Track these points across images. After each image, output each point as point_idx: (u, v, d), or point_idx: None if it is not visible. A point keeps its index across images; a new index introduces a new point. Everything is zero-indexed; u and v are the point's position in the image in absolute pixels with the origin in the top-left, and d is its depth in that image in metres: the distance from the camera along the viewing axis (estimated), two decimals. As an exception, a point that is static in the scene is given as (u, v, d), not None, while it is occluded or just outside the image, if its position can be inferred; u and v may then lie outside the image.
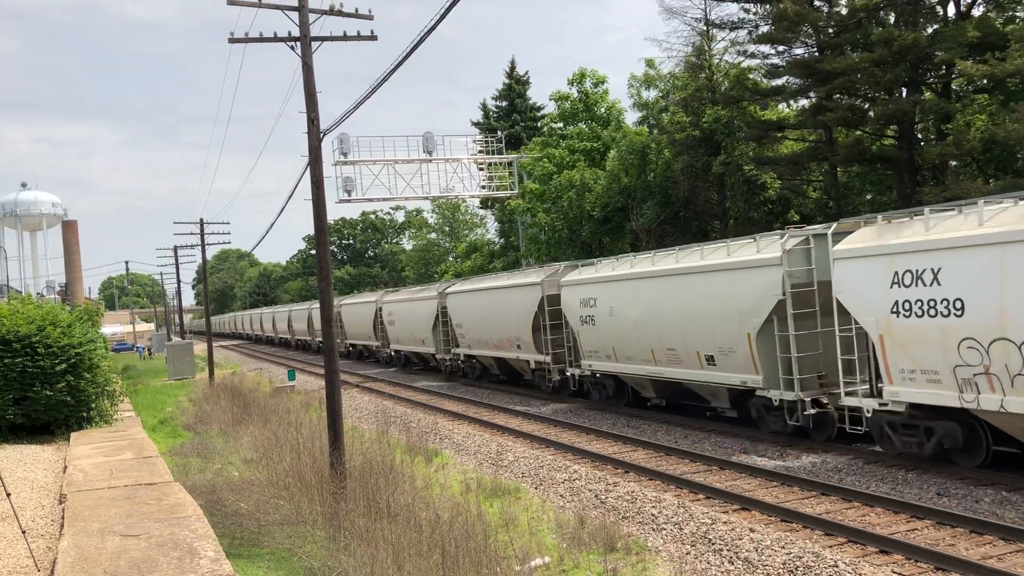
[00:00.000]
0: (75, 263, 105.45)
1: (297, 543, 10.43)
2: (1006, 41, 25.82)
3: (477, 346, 30.44)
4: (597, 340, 21.93)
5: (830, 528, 11.07)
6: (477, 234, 79.37)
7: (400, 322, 39.31)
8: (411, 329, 37.64)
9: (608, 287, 21.38)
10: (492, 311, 28.59)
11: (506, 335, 27.72)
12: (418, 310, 35.98)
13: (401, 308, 38.69)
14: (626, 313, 20.52)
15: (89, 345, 19.38)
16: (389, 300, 41.31)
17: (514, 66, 65.22)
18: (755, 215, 35.89)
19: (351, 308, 49.07)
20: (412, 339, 37.84)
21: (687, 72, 38.24)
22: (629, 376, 21.31)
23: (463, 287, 31.91)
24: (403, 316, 38.67)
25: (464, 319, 31.04)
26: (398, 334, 39.91)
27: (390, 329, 40.90)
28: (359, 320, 47.42)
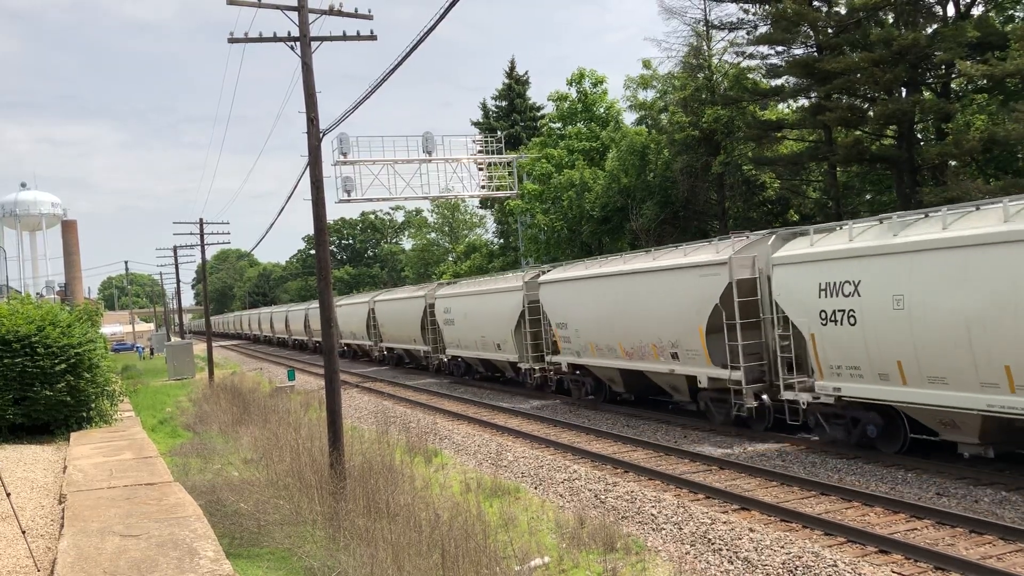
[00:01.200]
0: (75, 263, 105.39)
1: (297, 543, 10.43)
2: (1006, 41, 25.83)
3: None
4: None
5: (830, 528, 11.07)
6: (476, 234, 79.41)
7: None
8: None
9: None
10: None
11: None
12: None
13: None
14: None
15: (89, 345, 19.38)
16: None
17: (514, 66, 65.27)
18: (755, 215, 35.90)
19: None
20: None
21: (686, 72, 38.25)
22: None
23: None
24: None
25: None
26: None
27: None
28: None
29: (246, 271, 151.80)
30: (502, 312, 28.05)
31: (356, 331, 47.51)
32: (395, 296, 40.98)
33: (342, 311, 50.08)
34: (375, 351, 44.44)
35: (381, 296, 43.31)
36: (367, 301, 44.70)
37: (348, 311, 49.27)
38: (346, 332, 50.32)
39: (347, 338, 50.62)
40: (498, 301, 28.44)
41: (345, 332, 50.37)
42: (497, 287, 28.89)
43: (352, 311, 48.46)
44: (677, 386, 19.89)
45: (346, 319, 49.65)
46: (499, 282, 29.57)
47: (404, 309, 38.90)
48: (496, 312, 28.49)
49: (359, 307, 46.30)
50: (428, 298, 35.00)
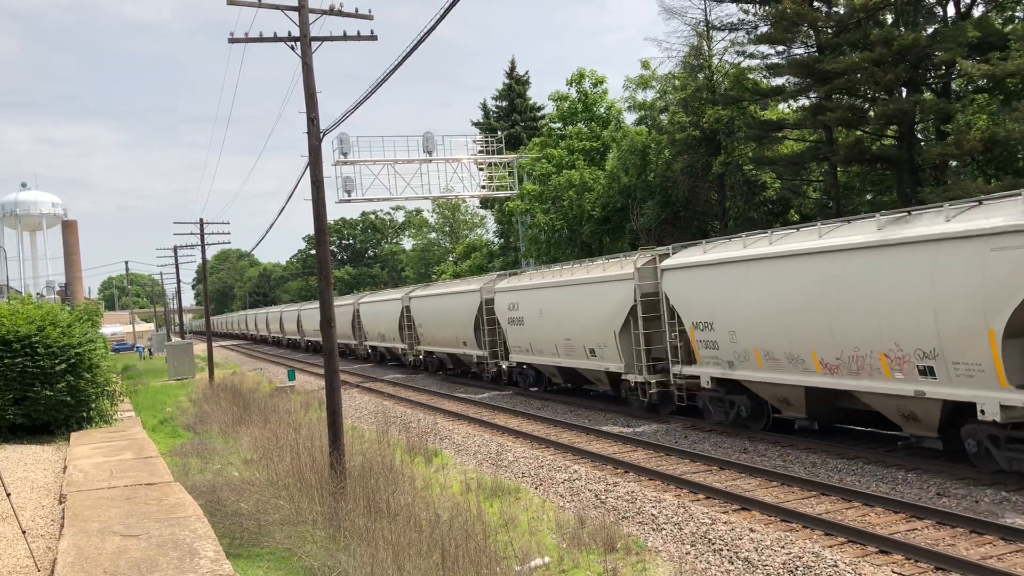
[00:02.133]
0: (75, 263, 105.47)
1: (297, 543, 10.43)
2: (1006, 41, 25.83)
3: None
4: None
5: (830, 528, 11.07)
6: (477, 234, 79.41)
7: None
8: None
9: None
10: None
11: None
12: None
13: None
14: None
15: (89, 345, 19.38)
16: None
17: (514, 66, 65.26)
18: (755, 215, 35.88)
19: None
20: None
21: (686, 72, 38.24)
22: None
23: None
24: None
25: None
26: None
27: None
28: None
29: (246, 271, 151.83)
30: (602, 308, 21.79)
31: (386, 332, 42.00)
32: (438, 291, 37.07)
33: (368, 309, 44.90)
34: (409, 355, 38.85)
35: (365, 298, 41.10)
36: (352, 303, 41.90)
37: (376, 309, 43.53)
38: (372, 333, 45.14)
39: (374, 340, 45.00)
40: (597, 294, 22.10)
41: (372, 333, 45.31)
42: (594, 276, 22.59)
43: (381, 309, 42.75)
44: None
45: (373, 318, 44.13)
46: (595, 269, 23.21)
47: (450, 307, 36.51)
48: (593, 308, 22.27)
49: (345, 309, 42.97)
50: (485, 292, 30.03)
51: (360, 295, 46.07)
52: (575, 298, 23.32)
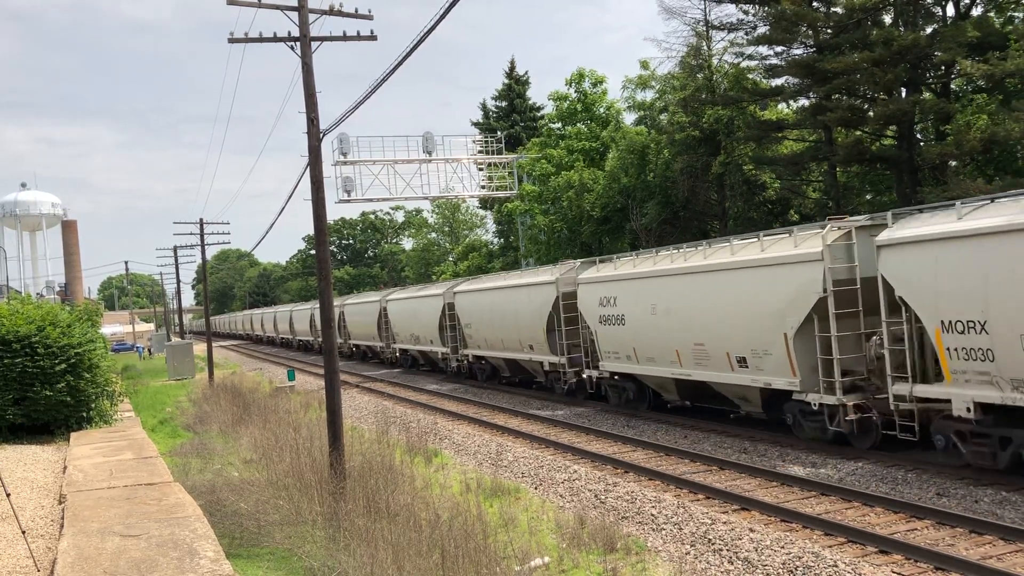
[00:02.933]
0: (75, 263, 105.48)
1: (297, 543, 10.43)
2: (1006, 41, 25.84)
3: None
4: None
5: (830, 528, 11.07)
6: (477, 234, 79.43)
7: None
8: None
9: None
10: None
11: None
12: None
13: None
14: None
15: (89, 345, 19.38)
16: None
17: (514, 66, 65.25)
18: (755, 215, 35.90)
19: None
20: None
21: (685, 72, 38.25)
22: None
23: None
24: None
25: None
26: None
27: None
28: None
29: (246, 271, 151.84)
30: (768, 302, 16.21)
31: (423, 334, 37.12)
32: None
33: (397, 307, 40.27)
34: (452, 361, 33.64)
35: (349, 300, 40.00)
36: (339, 305, 40.82)
37: (411, 307, 38.44)
38: (404, 335, 39.47)
39: (405, 342, 39.51)
40: (759, 282, 16.48)
41: (403, 335, 39.71)
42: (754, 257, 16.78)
43: (418, 307, 37.60)
44: None
45: (406, 318, 39.07)
46: (749, 250, 17.30)
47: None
48: (752, 302, 16.62)
49: (429, 302, 36.04)
50: (562, 284, 24.40)
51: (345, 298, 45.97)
52: (717, 289, 17.58)
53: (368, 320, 44.47)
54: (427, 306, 34.45)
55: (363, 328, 46.19)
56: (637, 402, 21.85)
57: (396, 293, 40.89)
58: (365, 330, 45.84)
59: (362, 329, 46.58)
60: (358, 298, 49.60)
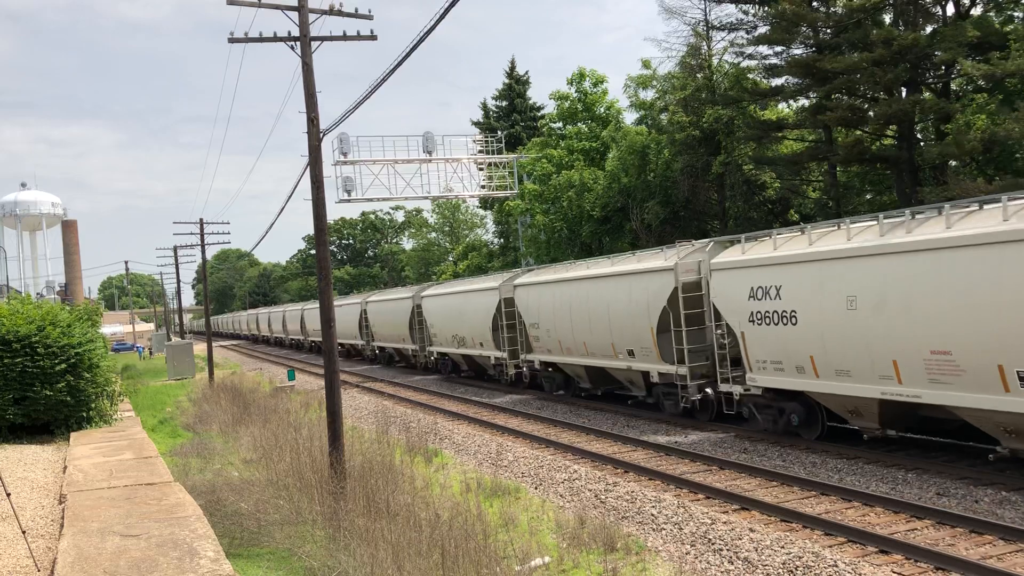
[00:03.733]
0: (75, 263, 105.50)
1: (297, 543, 10.43)
2: (1005, 41, 25.83)
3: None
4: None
5: (830, 528, 11.07)
6: (477, 234, 79.44)
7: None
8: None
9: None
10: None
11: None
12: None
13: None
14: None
15: (89, 345, 19.38)
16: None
17: (514, 66, 65.24)
18: (755, 215, 35.90)
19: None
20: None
21: (685, 72, 38.26)
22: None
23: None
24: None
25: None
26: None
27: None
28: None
29: (246, 271, 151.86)
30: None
31: (470, 335, 32.19)
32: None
33: (435, 304, 35.63)
34: (510, 368, 28.91)
35: (529, 277, 28.07)
36: (496, 287, 29.99)
37: (454, 304, 33.44)
38: (444, 337, 34.96)
39: (446, 345, 34.86)
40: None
41: (442, 336, 35.09)
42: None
43: (465, 304, 32.37)
44: None
45: (448, 317, 34.48)
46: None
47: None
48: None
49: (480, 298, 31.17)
50: (684, 271, 18.95)
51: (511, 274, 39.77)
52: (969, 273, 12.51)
53: (397, 320, 40.04)
54: (477, 303, 29.95)
55: (390, 328, 41.63)
56: (804, 428, 16.55)
57: (433, 288, 36.80)
58: (393, 330, 41.32)
59: (389, 329, 41.99)
60: (384, 294, 45.32)
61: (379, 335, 44.37)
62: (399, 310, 39.75)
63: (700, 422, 19.19)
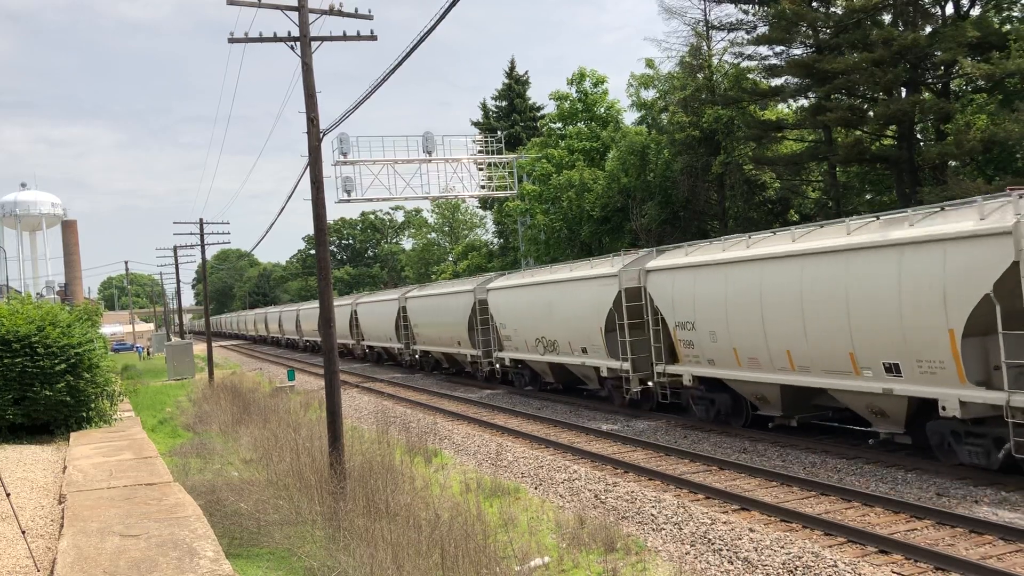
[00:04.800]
0: (75, 263, 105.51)
1: (296, 543, 10.43)
2: (1005, 41, 25.83)
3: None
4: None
5: (830, 528, 11.07)
6: (476, 234, 79.45)
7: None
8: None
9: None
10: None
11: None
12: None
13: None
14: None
15: (89, 345, 19.37)
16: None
17: (514, 66, 65.24)
18: (755, 215, 35.90)
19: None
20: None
21: (685, 72, 38.27)
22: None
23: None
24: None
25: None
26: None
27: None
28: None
29: (246, 271, 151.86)
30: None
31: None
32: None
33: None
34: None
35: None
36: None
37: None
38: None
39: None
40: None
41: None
42: None
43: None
44: None
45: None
46: None
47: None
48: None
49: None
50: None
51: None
52: None
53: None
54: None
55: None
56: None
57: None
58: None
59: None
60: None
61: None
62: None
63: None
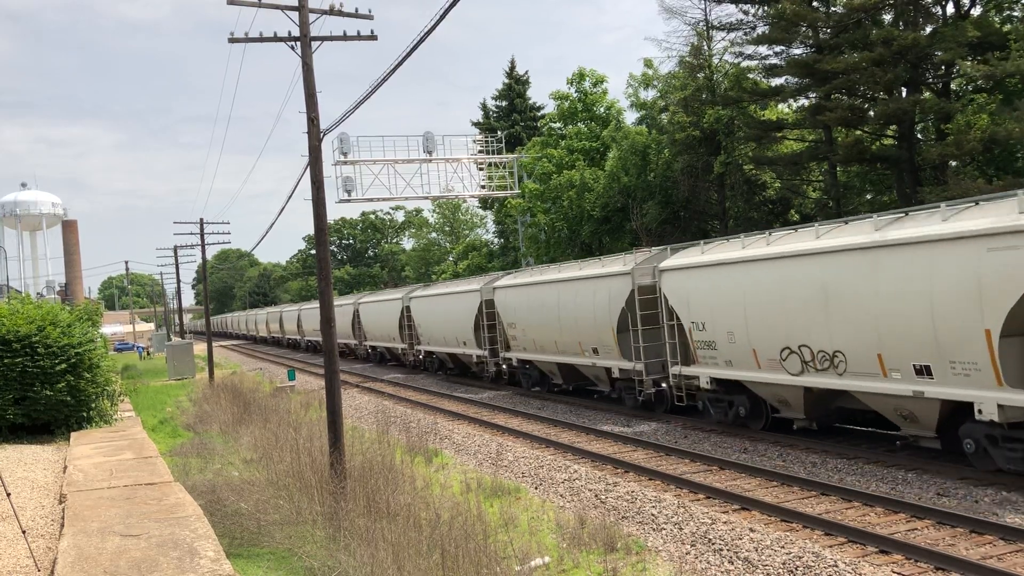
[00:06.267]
0: (75, 263, 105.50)
1: (297, 543, 10.43)
2: (1006, 41, 25.82)
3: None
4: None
5: (830, 528, 11.07)
6: (477, 234, 79.48)
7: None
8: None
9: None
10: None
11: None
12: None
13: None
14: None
15: (89, 345, 19.37)
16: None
17: (514, 66, 65.26)
18: (755, 215, 35.90)
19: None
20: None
21: (685, 72, 38.27)
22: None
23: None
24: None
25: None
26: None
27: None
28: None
29: (246, 271, 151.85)
30: None
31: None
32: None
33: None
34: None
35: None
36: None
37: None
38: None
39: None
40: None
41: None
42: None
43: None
44: None
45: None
46: None
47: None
48: None
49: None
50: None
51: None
52: None
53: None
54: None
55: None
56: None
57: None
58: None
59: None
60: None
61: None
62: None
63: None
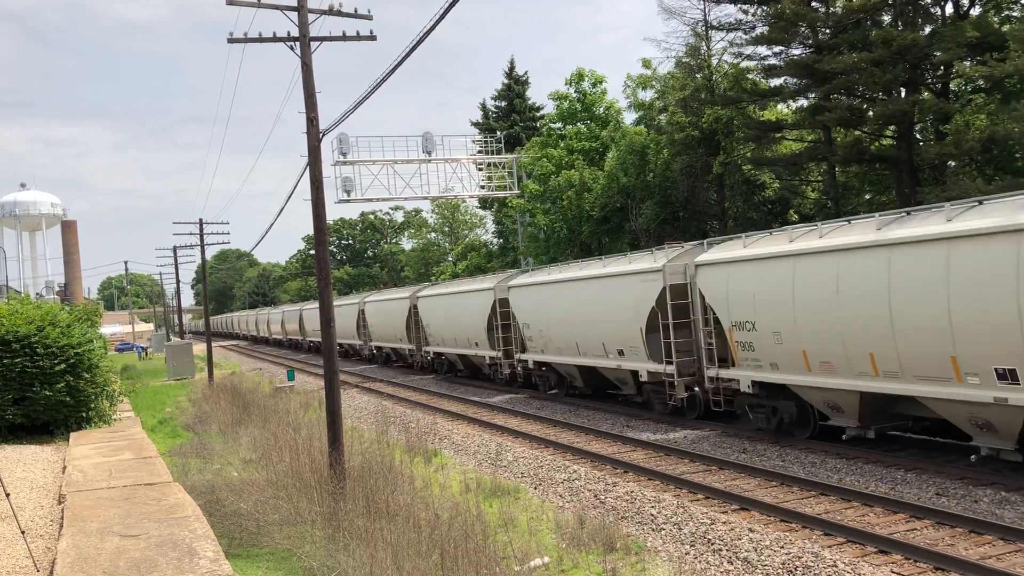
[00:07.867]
0: (74, 263, 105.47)
1: (296, 543, 10.43)
2: (1004, 41, 25.84)
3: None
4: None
5: (829, 528, 11.07)
6: (476, 234, 79.48)
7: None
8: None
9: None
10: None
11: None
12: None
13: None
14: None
15: (88, 345, 19.36)
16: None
17: (513, 66, 65.29)
18: (754, 215, 35.91)
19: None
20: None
21: (684, 72, 38.28)
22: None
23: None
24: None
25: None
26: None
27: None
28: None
29: (246, 271, 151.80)
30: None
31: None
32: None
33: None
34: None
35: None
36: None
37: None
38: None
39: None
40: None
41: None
42: None
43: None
44: None
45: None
46: None
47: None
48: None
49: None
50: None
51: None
52: None
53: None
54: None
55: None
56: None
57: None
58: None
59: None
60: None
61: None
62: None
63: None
